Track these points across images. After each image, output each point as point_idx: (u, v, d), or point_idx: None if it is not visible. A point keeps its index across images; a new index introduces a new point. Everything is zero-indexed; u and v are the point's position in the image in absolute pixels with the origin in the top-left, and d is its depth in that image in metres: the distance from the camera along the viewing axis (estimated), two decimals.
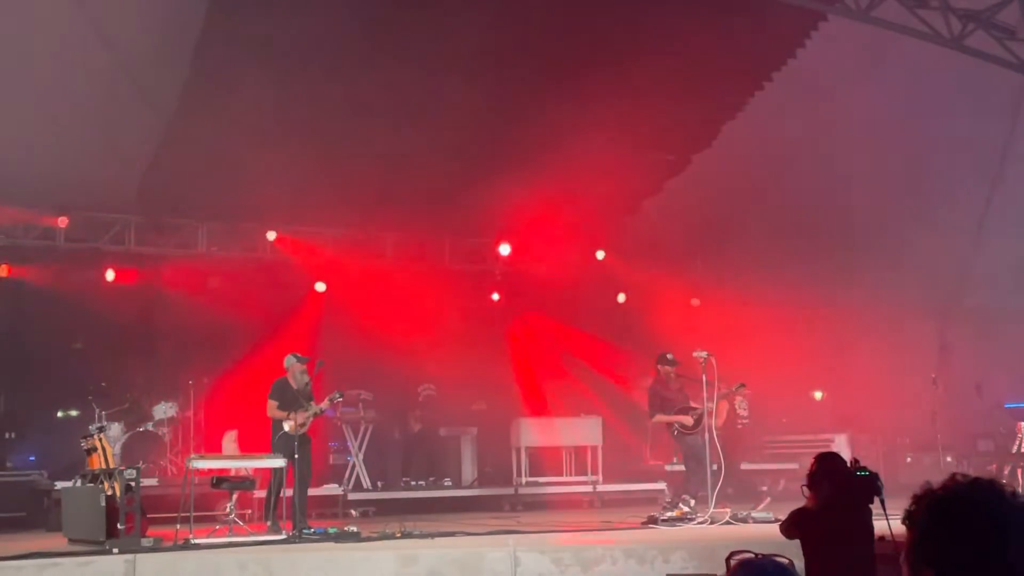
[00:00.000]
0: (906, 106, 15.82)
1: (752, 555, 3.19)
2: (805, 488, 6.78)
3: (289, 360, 12.72)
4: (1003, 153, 17.50)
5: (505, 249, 19.01)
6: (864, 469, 6.69)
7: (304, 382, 12.58)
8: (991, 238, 18.26)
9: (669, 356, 13.72)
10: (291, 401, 12.43)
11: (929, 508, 2.23)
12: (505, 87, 14.84)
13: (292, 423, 12.22)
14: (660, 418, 13.53)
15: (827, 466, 6.76)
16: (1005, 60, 14.40)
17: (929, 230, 17.87)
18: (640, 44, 14.77)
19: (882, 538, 6.75)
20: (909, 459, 17.40)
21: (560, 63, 14.47)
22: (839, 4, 14.23)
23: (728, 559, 3.38)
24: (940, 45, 14.35)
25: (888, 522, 6.25)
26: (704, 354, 13.15)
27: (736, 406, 15.27)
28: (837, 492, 6.56)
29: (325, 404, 12.58)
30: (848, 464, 6.88)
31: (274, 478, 12.34)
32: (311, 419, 12.45)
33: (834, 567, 6.46)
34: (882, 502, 6.64)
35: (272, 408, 12.50)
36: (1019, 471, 13.96)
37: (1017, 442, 14.29)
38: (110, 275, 16.65)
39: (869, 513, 6.82)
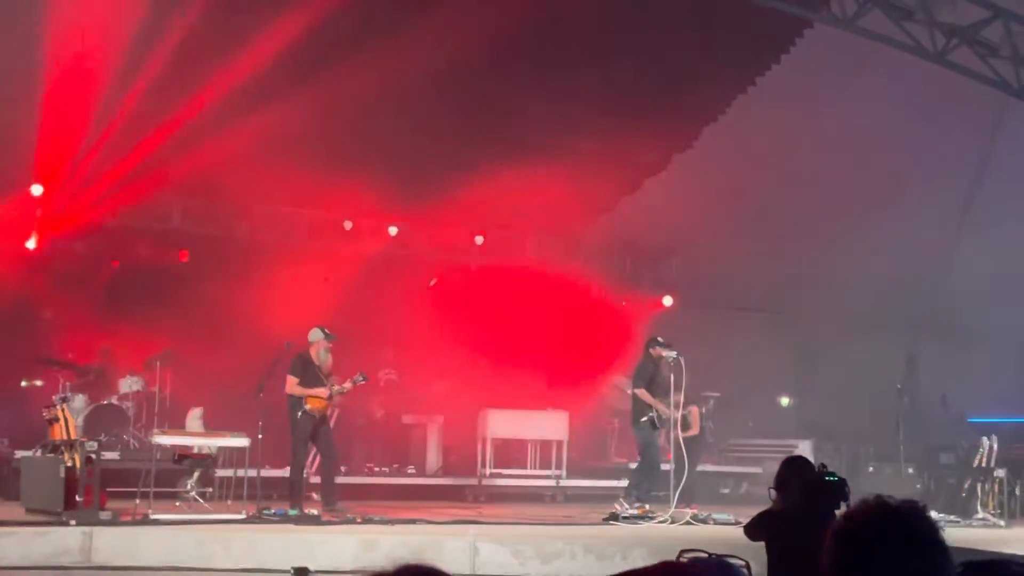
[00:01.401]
0: (887, 116, 15.90)
1: (704, 554, 3.19)
2: (772, 491, 6.80)
3: (315, 334, 12.37)
4: (980, 169, 17.61)
5: (479, 239, 19.07)
6: (832, 475, 6.71)
7: (327, 360, 12.29)
8: (964, 252, 18.38)
9: (660, 339, 13.43)
10: (313, 378, 12.14)
11: (836, 536, 2.26)
12: (487, 81, 14.80)
13: (314, 403, 12.01)
14: (643, 394, 13.11)
15: (795, 470, 6.78)
16: (987, 77, 14.50)
17: (904, 241, 17.99)
18: (625, 43, 14.78)
19: None
20: (871, 468, 17.48)
21: (543, 59, 14.47)
22: (825, 12, 14.28)
23: (678, 557, 3.38)
24: (924, 59, 14.43)
25: None
26: (674, 354, 13.16)
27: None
28: (804, 496, 6.58)
29: (348, 385, 12.29)
30: (816, 469, 6.90)
31: (295, 463, 12.17)
32: (334, 399, 12.20)
33: (798, 571, 6.48)
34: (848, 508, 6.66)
35: (292, 384, 12.16)
36: (979, 485, 14.06)
37: (979, 457, 14.37)
38: (79, 246, 16.48)
39: (834, 519, 6.84)
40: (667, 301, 20.43)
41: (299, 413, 12.07)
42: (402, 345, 17.75)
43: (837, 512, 6.73)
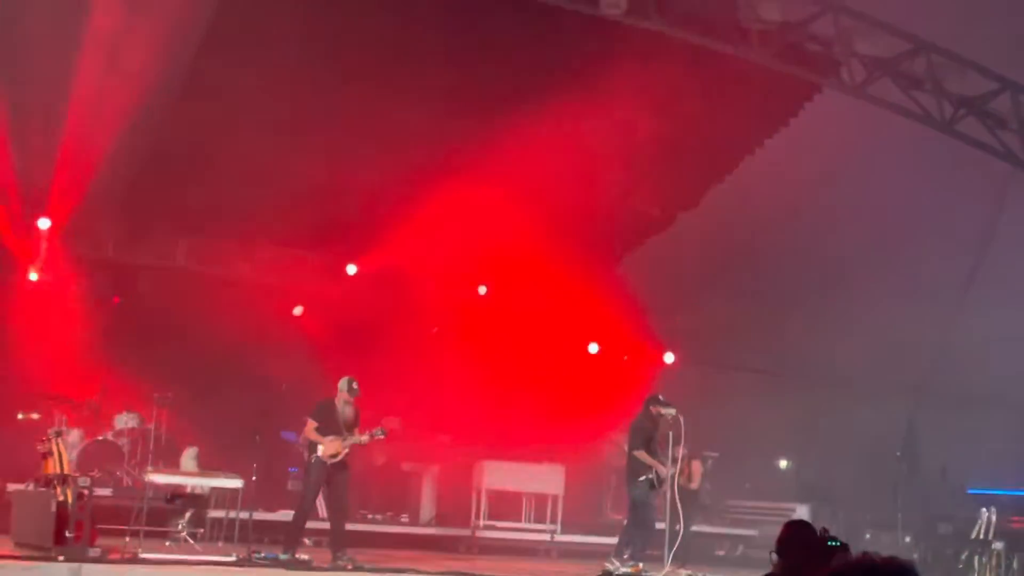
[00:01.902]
0: (894, 180, 15.94)
1: None
2: (773, 555, 6.70)
3: (341, 384, 12.33)
4: (986, 237, 17.63)
5: (482, 289, 19.08)
6: (835, 539, 6.62)
7: (350, 412, 12.26)
8: (968, 320, 18.35)
9: (661, 397, 13.37)
10: (331, 426, 12.09)
11: None
12: (488, 122, 14.87)
13: (327, 449, 11.99)
14: (642, 455, 13.01)
15: (798, 534, 6.68)
16: (994, 148, 14.56)
17: (908, 308, 17.95)
18: (637, 101, 14.86)
19: None
20: (868, 535, 17.32)
21: (550, 105, 14.52)
22: (834, 78, 14.36)
23: None
24: (932, 128, 14.50)
25: None
26: (672, 411, 13.10)
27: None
28: (807, 561, 6.49)
29: (365, 438, 12.25)
30: (817, 533, 6.82)
31: (302, 507, 12.09)
32: (347, 449, 12.14)
33: None
34: None
35: (309, 429, 12.15)
36: (976, 557, 13.92)
37: (977, 528, 14.25)
38: (79, 281, 16.49)
39: None
40: (668, 358, 20.39)
41: (313, 458, 12.01)
42: (409, 393, 17.67)
43: None
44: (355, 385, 12.28)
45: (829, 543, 6.59)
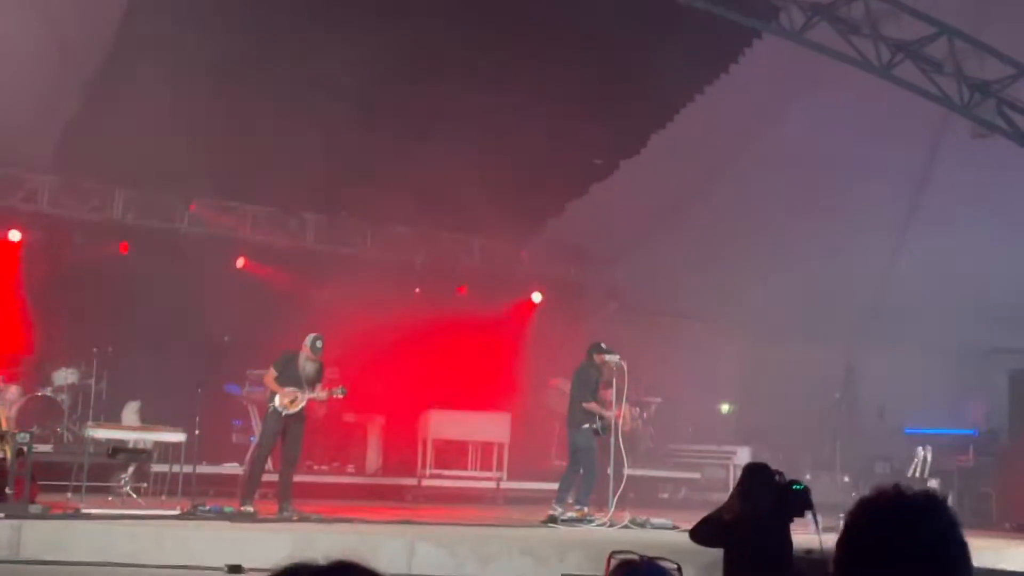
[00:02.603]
0: (832, 127, 16.07)
1: (635, 556, 3.18)
2: (735, 498, 6.79)
3: (307, 340, 12.30)
4: (920, 183, 17.88)
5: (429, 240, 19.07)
6: (798, 483, 6.74)
7: (311, 368, 12.22)
8: (902, 264, 18.65)
9: (603, 344, 13.45)
10: (291, 377, 12.08)
11: (867, 516, 2.10)
12: (434, 79, 14.76)
13: (282, 399, 11.93)
14: (592, 406, 13.10)
15: (761, 478, 6.78)
16: (930, 92, 14.70)
17: (844, 253, 18.20)
18: (575, 48, 14.80)
19: (810, 551, 6.83)
20: (808, 476, 17.65)
21: (492, 57, 14.43)
22: (774, 23, 14.39)
23: (609, 558, 3.38)
24: (869, 72, 14.60)
25: (820, 535, 6.35)
26: (616, 358, 13.22)
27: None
28: (776, 502, 6.59)
29: (323, 394, 12.33)
30: (775, 474, 6.91)
31: (257, 455, 12.07)
32: (304, 402, 12.12)
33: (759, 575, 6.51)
34: (814, 515, 6.71)
35: (269, 377, 12.21)
36: None
37: (913, 466, 14.59)
38: (15, 235, 16.20)
39: (789, 526, 6.88)
40: (610, 306, 20.52)
41: (270, 407, 12.03)
42: (344, 344, 17.63)
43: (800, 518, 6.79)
44: (319, 343, 12.30)
45: (794, 487, 6.71)
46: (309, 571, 1.72)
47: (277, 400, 11.95)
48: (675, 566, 3.19)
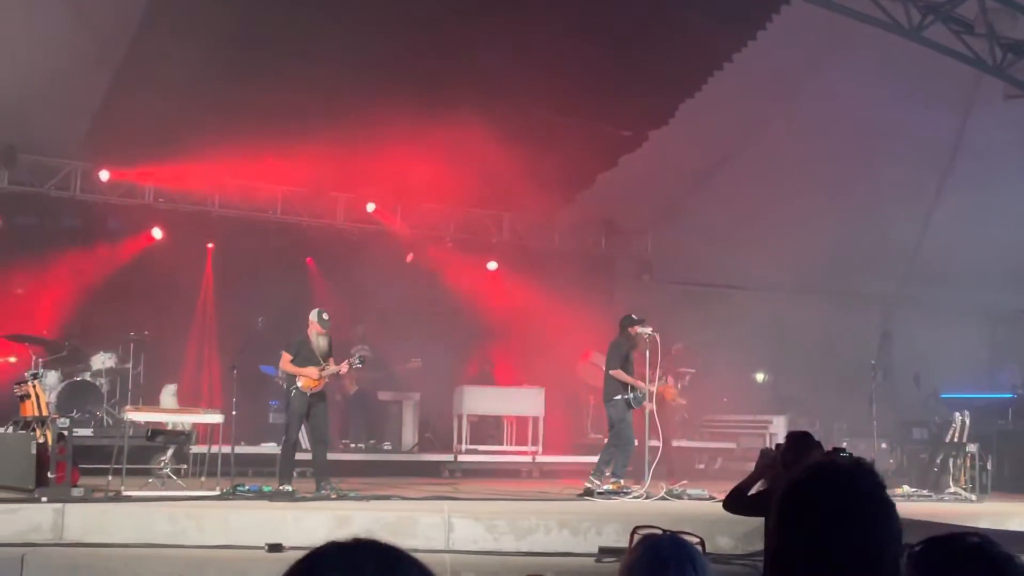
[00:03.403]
0: (863, 93, 15.90)
1: (658, 531, 3.19)
2: (780, 468, 6.73)
3: (312, 315, 12.32)
4: (955, 146, 17.67)
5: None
6: (843, 450, 6.67)
7: (324, 342, 12.26)
8: (937, 230, 18.47)
9: (635, 316, 13.39)
10: (307, 357, 12.11)
11: (781, 495, 2.26)
12: (462, 51, 14.70)
13: (307, 381, 12.02)
14: (619, 374, 13.07)
15: (805, 446, 6.70)
16: (961, 54, 14.53)
17: (878, 218, 18.04)
18: (602, 19, 14.71)
19: None
20: (845, 444, 17.58)
21: (519, 30, 14.35)
22: None
23: (632, 533, 3.38)
24: (899, 35, 14.44)
25: None
26: (648, 329, 13.19)
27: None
28: None
29: (344, 367, 12.31)
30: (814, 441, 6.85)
31: (287, 440, 12.14)
32: (326, 379, 12.19)
33: None
34: None
35: (285, 361, 12.18)
36: (950, 460, 14.17)
37: (951, 432, 14.48)
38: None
39: None
40: (642, 278, 20.48)
41: (292, 391, 12.07)
42: (377, 321, 17.72)
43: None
44: (325, 316, 12.30)
45: (841, 455, 6.64)
46: (335, 547, 1.80)
47: (301, 382, 11.99)
48: (698, 539, 3.20)
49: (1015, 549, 2.24)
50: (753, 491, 6.93)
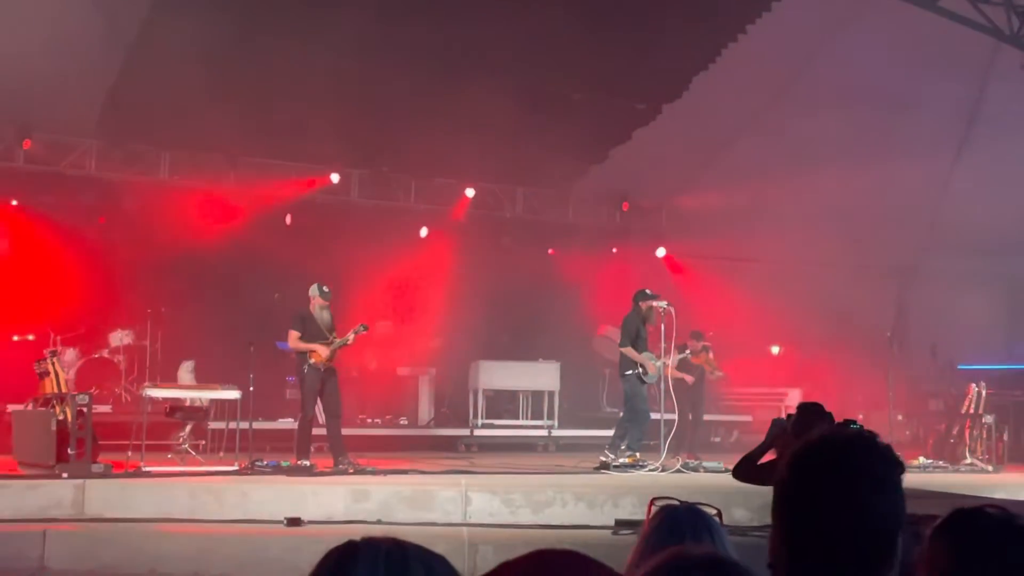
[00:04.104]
0: (878, 63, 15.79)
1: (676, 502, 3.21)
2: (791, 438, 6.73)
3: (312, 290, 12.32)
4: (971, 116, 17.55)
5: (470, 192, 19.05)
6: (853, 422, 6.67)
7: (327, 316, 12.28)
8: (954, 200, 18.36)
9: (649, 291, 13.38)
10: (315, 332, 12.11)
11: (787, 465, 2.23)
12: (472, 26, 14.63)
13: (319, 356, 12.05)
14: (628, 351, 13.09)
15: (817, 415, 6.70)
16: (976, 23, 14.41)
17: (893, 189, 17.95)
18: None
19: None
20: (861, 416, 17.57)
21: (532, 4, 14.28)
22: None
23: (650, 504, 3.40)
24: (915, 4, 14.33)
25: None
26: (664, 304, 13.17)
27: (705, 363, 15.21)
28: None
29: (351, 337, 12.25)
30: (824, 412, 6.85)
31: (303, 418, 12.17)
32: (336, 352, 12.22)
33: None
34: None
35: (294, 339, 12.14)
36: (967, 431, 14.16)
37: (967, 403, 14.46)
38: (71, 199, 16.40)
39: None
40: (659, 252, 20.47)
41: (305, 367, 12.08)
42: (397, 297, 17.76)
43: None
44: (326, 288, 12.32)
45: (852, 426, 6.63)
46: (365, 543, 1.80)
47: (312, 358, 12.01)
48: (715, 511, 3.21)
49: None
50: (763, 460, 6.94)
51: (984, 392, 14.40)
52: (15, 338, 15.54)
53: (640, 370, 12.99)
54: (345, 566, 1.77)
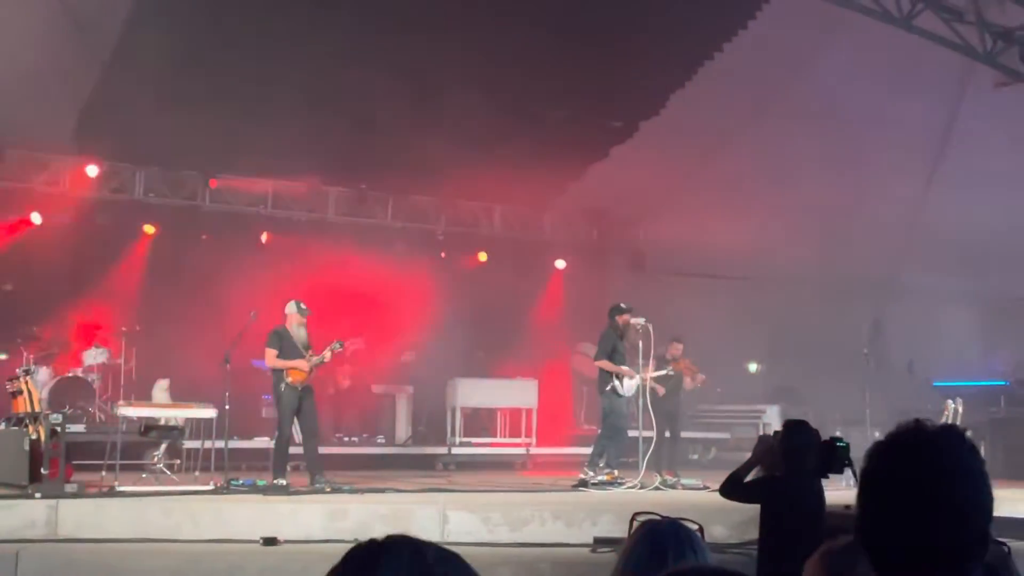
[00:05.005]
0: (854, 81, 15.90)
1: (657, 517, 3.19)
2: (778, 456, 6.72)
3: (290, 307, 12.22)
4: (945, 134, 17.68)
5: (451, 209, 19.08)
6: (840, 439, 6.66)
7: (303, 333, 12.18)
8: (929, 218, 18.48)
9: (624, 305, 13.35)
10: (291, 350, 12.01)
11: (870, 453, 2.10)
12: (449, 43, 14.64)
13: (295, 376, 11.95)
14: (604, 364, 13.07)
15: (804, 436, 6.69)
16: (951, 42, 14.53)
17: (868, 207, 18.05)
18: (590, 9, 14.68)
19: (849, 506, 6.78)
20: (838, 431, 17.58)
21: (507, 22, 14.30)
22: None
23: (632, 519, 3.39)
24: (889, 23, 14.44)
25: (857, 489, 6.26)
26: (642, 321, 13.17)
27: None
28: (820, 460, 6.51)
29: (327, 354, 12.14)
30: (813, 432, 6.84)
31: (280, 436, 12.05)
32: (314, 370, 12.13)
33: (790, 534, 6.46)
34: (853, 471, 6.65)
35: (271, 357, 12.03)
36: None
37: (944, 419, 14.50)
38: (37, 218, 16.26)
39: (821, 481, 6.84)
40: (635, 269, 20.48)
41: (282, 386, 11.98)
42: (369, 316, 17.67)
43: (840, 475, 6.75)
44: (303, 305, 12.25)
45: (838, 444, 6.63)
46: (369, 544, 1.77)
47: (290, 377, 11.92)
48: (697, 526, 3.19)
49: (1010, 535, 2.19)
50: (750, 478, 6.93)
51: (960, 408, 14.44)
52: None
53: (617, 382, 12.95)
54: (369, 566, 1.76)
